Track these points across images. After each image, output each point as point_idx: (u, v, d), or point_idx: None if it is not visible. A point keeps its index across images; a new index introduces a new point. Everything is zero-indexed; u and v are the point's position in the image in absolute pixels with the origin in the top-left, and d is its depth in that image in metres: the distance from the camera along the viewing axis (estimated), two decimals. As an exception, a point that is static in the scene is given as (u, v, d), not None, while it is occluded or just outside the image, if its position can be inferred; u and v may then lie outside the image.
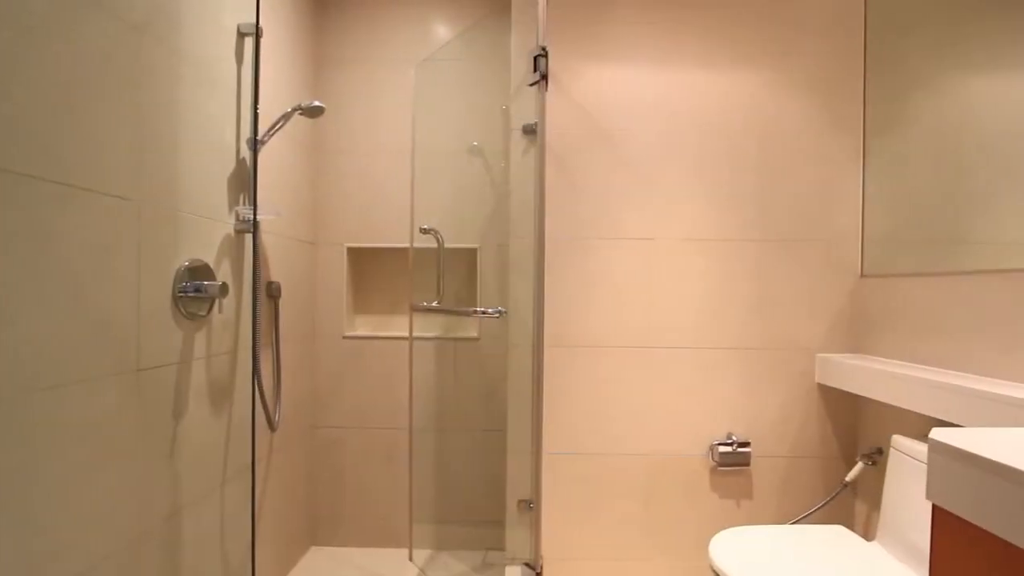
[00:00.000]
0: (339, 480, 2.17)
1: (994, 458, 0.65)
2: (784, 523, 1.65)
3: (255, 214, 1.34)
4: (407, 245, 2.12)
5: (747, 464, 1.68)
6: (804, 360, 1.69)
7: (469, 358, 2.15)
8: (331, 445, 2.17)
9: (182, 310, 1.19)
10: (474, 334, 2.15)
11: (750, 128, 1.69)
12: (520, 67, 1.65)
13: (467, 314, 1.66)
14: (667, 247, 1.69)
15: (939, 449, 0.72)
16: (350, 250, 2.17)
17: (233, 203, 1.43)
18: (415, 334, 2.11)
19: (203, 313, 1.28)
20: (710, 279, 1.69)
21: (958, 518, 0.70)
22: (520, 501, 1.71)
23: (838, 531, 1.43)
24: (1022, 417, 1.00)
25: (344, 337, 2.15)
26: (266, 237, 1.70)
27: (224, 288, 1.23)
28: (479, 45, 2.11)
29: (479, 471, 2.15)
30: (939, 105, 1.40)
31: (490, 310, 1.52)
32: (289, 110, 1.54)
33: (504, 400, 1.86)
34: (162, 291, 1.13)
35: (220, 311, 1.35)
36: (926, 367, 1.39)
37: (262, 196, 1.63)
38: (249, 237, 1.47)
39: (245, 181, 1.46)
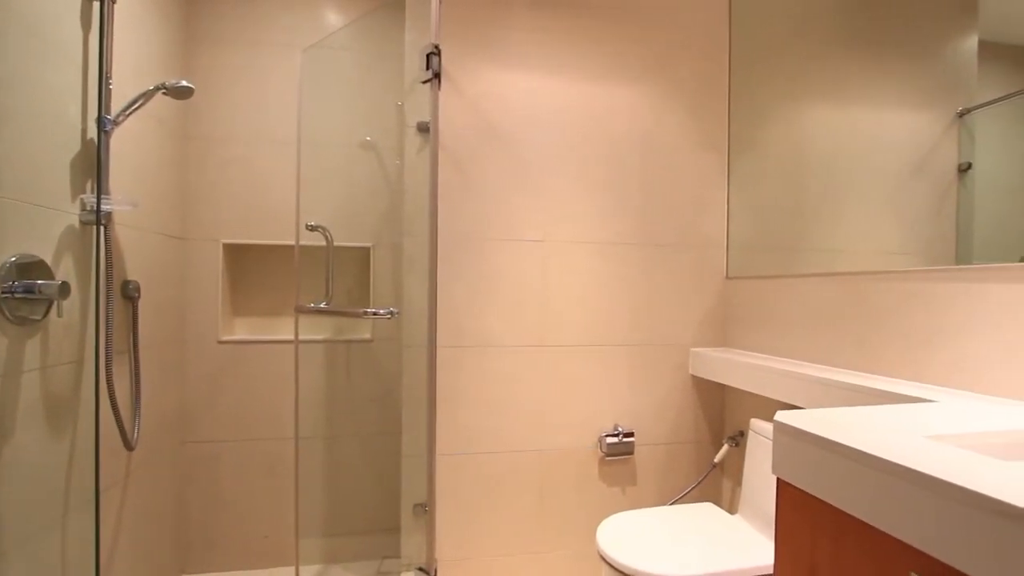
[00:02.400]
0: (214, 499, 1.97)
1: (821, 434, 0.75)
2: (663, 505, 1.79)
3: (99, 203, 1.17)
4: (292, 242, 1.99)
5: (631, 453, 1.80)
6: (680, 354, 1.85)
7: (362, 361, 2.07)
8: (204, 461, 1.96)
9: (7, 314, 1.01)
10: (367, 336, 2.07)
11: (633, 139, 1.81)
12: (414, 63, 1.62)
13: (357, 315, 1.60)
14: (558, 249, 1.76)
15: (781, 429, 0.82)
16: (227, 247, 1.98)
17: (79, 191, 1.25)
18: (302, 337, 1.99)
19: (37, 317, 1.09)
20: (597, 280, 1.79)
21: (797, 488, 0.80)
22: (416, 505, 1.68)
23: (708, 508, 1.58)
24: (850, 398, 1.18)
25: (219, 342, 1.96)
26: (122, 231, 1.50)
27: (64, 288, 1.06)
28: (371, 36, 2.04)
29: (373, 477, 2.08)
30: (786, 129, 1.61)
31: (381, 311, 1.47)
32: (151, 88, 1.37)
33: (399, 403, 1.81)
34: (-23, 292, 0.95)
35: (60, 315, 1.16)
36: (777, 358, 1.59)
37: (117, 184, 1.44)
38: (98, 230, 1.29)
39: (94, 165, 1.28)
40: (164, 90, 1.37)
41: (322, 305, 1.82)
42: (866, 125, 1.33)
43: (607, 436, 1.77)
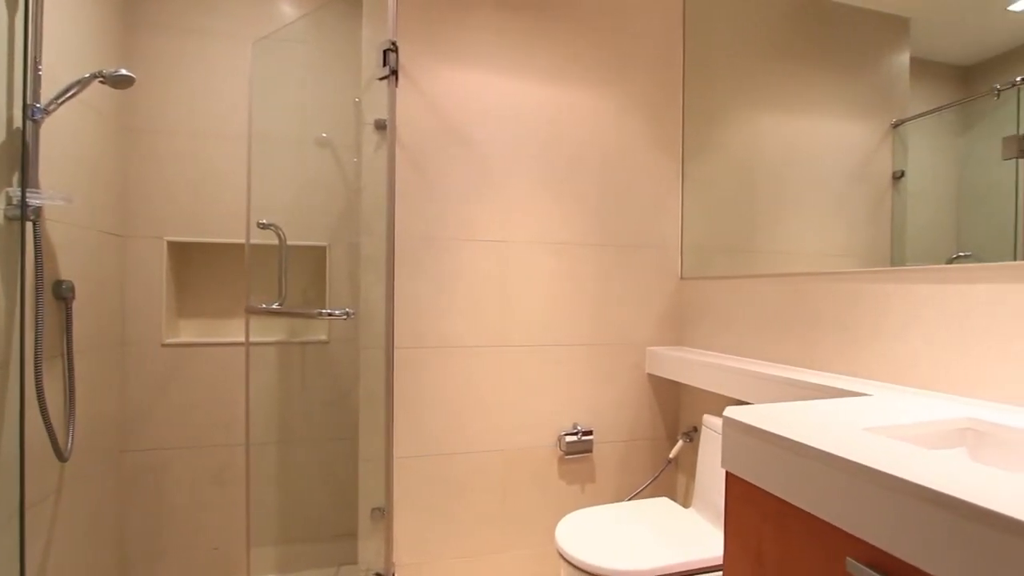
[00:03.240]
0: (158, 511, 1.88)
1: (765, 428, 0.78)
2: (621, 501, 1.82)
3: (24, 196, 1.09)
4: (243, 241, 1.91)
5: (590, 451, 1.82)
6: (637, 353, 1.89)
7: (317, 363, 2.01)
8: (147, 471, 1.87)
9: (-82, 316, 0.93)
10: (323, 337, 2.01)
11: (592, 142, 1.84)
12: (371, 59, 1.59)
13: (311, 316, 1.55)
14: (518, 249, 1.76)
15: (729, 424, 0.85)
16: (172, 245, 1.89)
17: (4, 184, 1.16)
18: (254, 339, 1.92)
19: (-47, 320, 1.01)
20: (557, 280, 1.80)
21: (744, 481, 0.83)
22: (374, 509, 1.65)
23: (663, 502, 1.62)
24: (795, 393, 1.24)
25: (163, 345, 1.87)
26: (55, 227, 1.41)
27: (-14, 288, 0.99)
28: (327, 30, 1.99)
29: (329, 483, 2.02)
30: (735, 136, 1.67)
31: (337, 311, 1.44)
32: (87, 76, 1.29)
33: (356, 405, 1.78)
34: None
35: (-19, 317, 1.08)
36: (728, 355, 1.65)
37: (49, 177, 1.35)
38: (25, 226, 1.20)
39: (22, 157, 1.19)
40: (101, 78, 1.30)
41: (275, 306, 1.76)
42: (810, 133, 1.40)
43: (566, 435, 1.78)
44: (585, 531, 1.40)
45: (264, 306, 1.67)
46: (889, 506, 0.59)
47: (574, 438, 1.78)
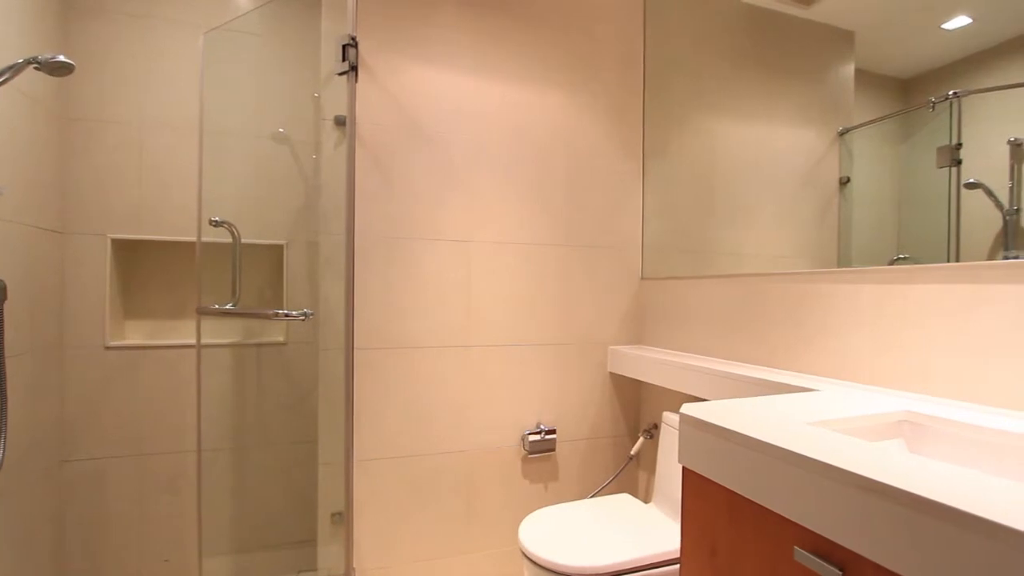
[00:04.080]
0: (102, 523, 1.78)
1: (717, 423, 0.81)
2: (583, 498, 1.84)
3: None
4: (194, 238, 1.84)
5: (553, 450, 1.84)
6: (599, 352, 1.92)
7: (274, 365, 1.95)
8: (90, 481, 1.77)
9: None
10: (280, 338, 1.96)
11: (555, 143, 1.85)
12: (331, 53, 1.56)
13: (268, 317, 1.50)
14: (482, 249, 1.76)
15: (685, 421, 0.87)
16: (116, 242, 1.79)
17: (-75, 175, 1.08)
18: (207, 341, 1.85)
19: None
20: (521, 280, 1.81)
21: (699, 475, 0.86)
22: (334, 514, 1.61)
23: (624, 499, 1.65)
24: (748, 390, 1.28)
25: (107, 348, 1.77)
26: (-17, 222, 1.32)
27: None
28: (284, 22, 1.93)
29: (287, 488, 1.97)
30: (694, 139, 1.71)
31: (294, 312, 1.40)
32: (20, 61, 1.21)
33: (315, 408, 1.73)
34: None
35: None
36: (687, 354, 1.69)
37: (-24, 169, 1.26)
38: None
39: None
40: (36, 65, 1.22)
41: (228, 307, 1.70)
42: (764, 139, 1.45)
43: (530, 434, 1.79)
44: (548, 529, 1.41)
45: (217, 307, 1.61)
46: (832, 496, 0.62)
47: (537, 437, 1.79)
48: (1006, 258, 0.91)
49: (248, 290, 1.91)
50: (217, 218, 1.75)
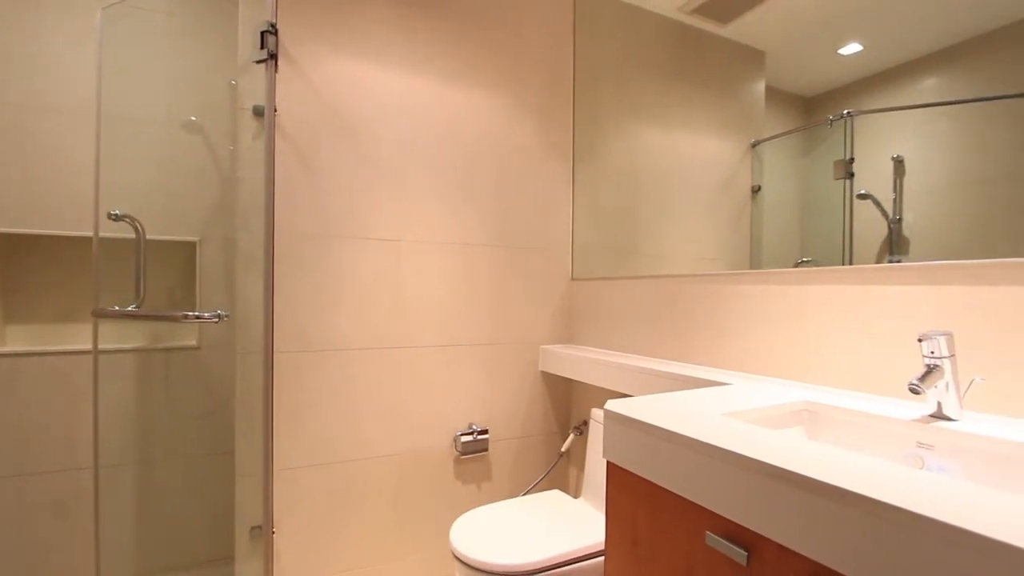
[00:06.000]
0: (-25, 553, 1.57)
1: (636, 417, 0.84)
2: (515, 496, 1.85)
3: None
4: (90, 233, 1.67)
5: (486, 450, 1.83)
6: (531, 352, 1.94)
7: (186, 371, 1.81)
8: (-40, 507, 1.56)
9: None
10: (193, 342, 1.82)
11: (486, 143, 1.85)
12: (248, 40, 1.47)
13: (176, 319, 1.39)
14: (412, 248, 1.73)
15: (609, 416, 0.89)
16: (-4, 237, 1.60)
17: None
18: (106, 346, 1.68)
19: None
20: (452, 280, 1.80)
21: (622, 468, 0.88)
22: (253, 528, 1.52)
23: (555, 495, 1.67)
24: (669, 385, 1.34)
25: (-16, 355, 1.57)
26: None
27: None
28: (197, 2, 1.80)
29: (202, 502, 1.83)
30: (622, 145, 1.77)
31: (206, 314, 1.30)
32: None
33: (232, 416, 1.63)
34: None
35: None
36: (614, 352, 1.75)
37: None
38: None
39: None
40: None
41: (130, 308, 1.56)
42: (686, 147, 1.52)
43: (462, 435, 1.78)
44: (479, 529, 1.41)
45: (117, 308, 1.46)
46: (738, 482, 0.66)
47: (470, 438, 1.79)
48: (890, 262, 1.01)
49: (155, 290, 1.76)
50: (117, 211, 1.60)
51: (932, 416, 0.83)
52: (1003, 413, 0.85)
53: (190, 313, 1.29)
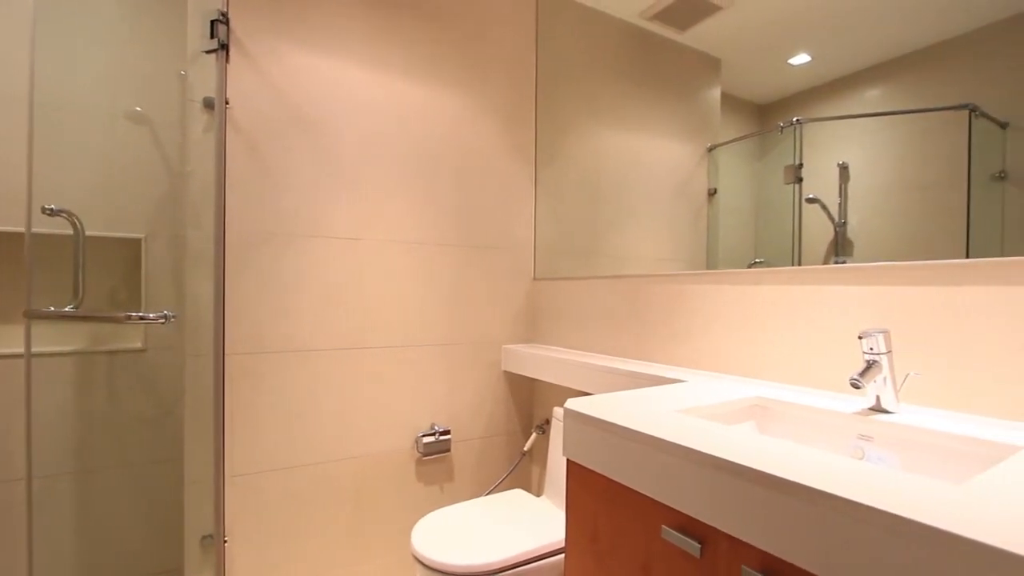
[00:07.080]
0: None
1: (594, 415, 0.85)
2: (478, 497, 1.85)
3: None
4: (22, 229, 1.56)
5: (448, 450, 1.82)
6: (493, 351, 1.94)
7: (130, 375, 1.72)
8: None
9: None
10: (138, 345, 1.73)
11: (449, 142, 1.84)
12: (198, 29, 1.41)
13: (119, 320, 1.32)
14: (373, 247, 1.69)
15: (568, 415, 0.90)
16: (-85, 232, 1.47)
17: None
18: (42, 349, 1.58)
19: None
20: (414, 280, 1.77)
21: (581, 466, 0.89)
22: (204, 537, 1.46)
23: (517, 494, 1.68)
24: (628, 383, 1.36)
25: (-101, 360, 1.45)
26: None
27: None
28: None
29: (148, 512, 1.74)
30: (584, 147, 1.79)
31: (152, 315, 1.24)
32: None
33: (180, 422, 1.55)
34: None
35: None
36: (575, 351, 1.76)
37: None
38: None
39: None
40: None
41: (68, 309, 1.46)
42: (646, 150, 1.55)
43: (424, 436, 1.76)
44: (440, 531, 1.40)
45: (53, 309, 1.37)
46: (692, 477, 0.68)
47: (431, 439, 1.77)
48: (836, 263, 1.06)
49: (96, 290, 1.66)
50: (53, 206, 1.50)
51: (871, 409, 0.88)
52: (936, 406, 0.90)
53: (134, 314, 1.22)
